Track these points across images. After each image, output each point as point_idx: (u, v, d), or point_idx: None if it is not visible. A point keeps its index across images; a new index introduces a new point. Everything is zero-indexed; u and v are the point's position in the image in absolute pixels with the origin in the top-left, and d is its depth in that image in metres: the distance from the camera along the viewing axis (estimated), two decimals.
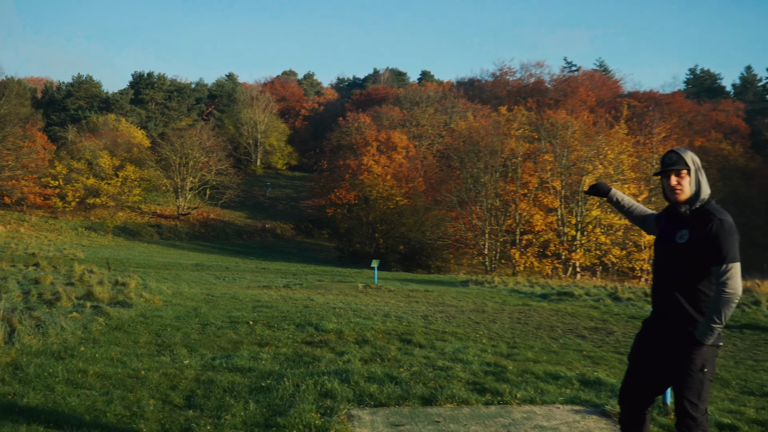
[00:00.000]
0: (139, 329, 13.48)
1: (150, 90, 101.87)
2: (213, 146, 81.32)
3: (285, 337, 13.22)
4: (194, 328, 14.00)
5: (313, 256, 67.79)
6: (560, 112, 63.14)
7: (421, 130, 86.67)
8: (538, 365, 10.96)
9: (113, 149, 78.64)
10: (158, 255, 52.57)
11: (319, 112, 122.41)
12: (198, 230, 75.54)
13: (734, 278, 4.78)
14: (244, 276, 34.28)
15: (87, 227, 67.84)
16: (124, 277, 22.87)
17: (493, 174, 56.25)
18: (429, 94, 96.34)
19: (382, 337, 13.58)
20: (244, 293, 23.03)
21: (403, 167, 71.45)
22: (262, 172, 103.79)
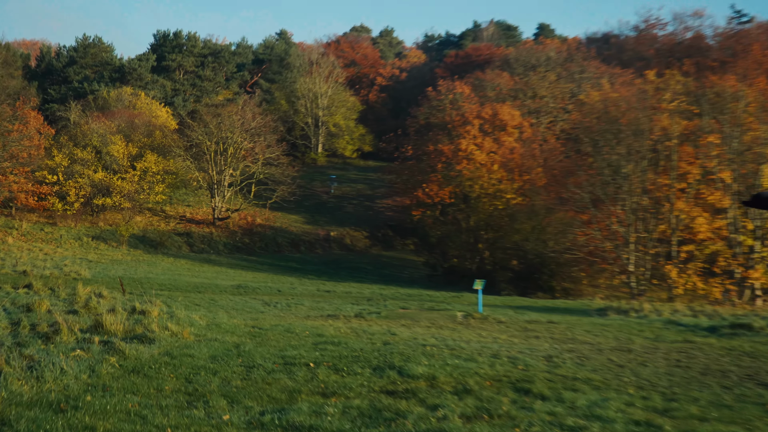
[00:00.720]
0: (163, 373, 13.59)
1: (177, 55, 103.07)
2: (259, 128, 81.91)
3: (358, 384, 13.23)
4: (236, 372, 14.09)
5: (394, 275, 67.98)
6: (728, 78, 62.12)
7: (539, 103, 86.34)
8: (706, 425, 10.77)
9: (129, 133, 79.61)
10: (188, 273, 53.17)
11: (400, 80, 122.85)
12: (240, 240, 76.29)
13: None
14: (302, 302, 34.48)
15: (94, 236, 68.86)
16: (143, 304, 23.07)
17: (639, 162, 55.65)
18: (549, 55, 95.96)
19: (490, 386, 13.52)
20: (302, 325, 23.14)
21: (515, 154, 71.06)
22: (324, 161, 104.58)
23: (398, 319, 27.10)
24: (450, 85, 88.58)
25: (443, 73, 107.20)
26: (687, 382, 15.37)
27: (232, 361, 15.23)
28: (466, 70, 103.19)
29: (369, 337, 20.33)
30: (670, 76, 69.55)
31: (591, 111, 65.52)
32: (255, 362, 15.18)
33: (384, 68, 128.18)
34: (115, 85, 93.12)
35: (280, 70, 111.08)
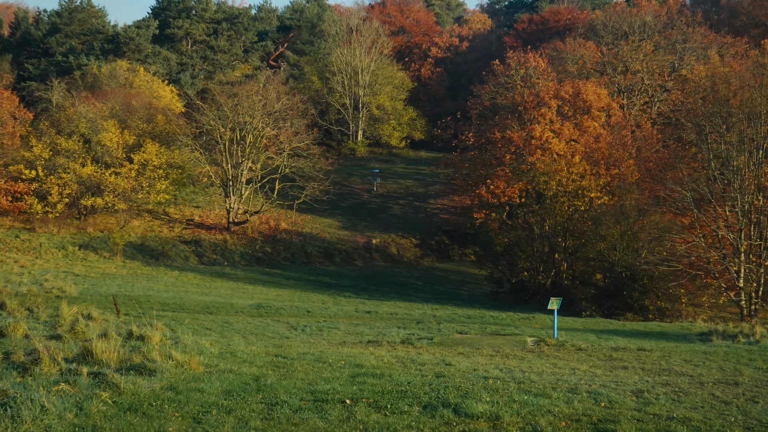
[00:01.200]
0: (166, 411, 13.75)
1: (185, 21, 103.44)
2: (286, 111, 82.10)
3: (404, 425, 13.38)
4: (255, 411, 14.24)
5: (450, 292, 68.04)
6: None
7: (631, 79, 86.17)
8: None
9: (125, 118, 79.83)
10: (197, 290, 53.45)
11: (460, 51, 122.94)
12: (261, 249, 76.54)
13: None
14: (337, 325, 34.63)
15: (82, 245, 69.13)
16: (141, 327, 23.25)
17: (754, 153, 55.44)
18: (645, 20, 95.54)
19: (566, 426, 13.67)
20: (336, 353, 23.29)
21: (601, 142, 70.96)
22: (366, 152, 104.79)
23: (455, 347, 27.21)
24: (521, 57, 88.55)
25: (513, 42, 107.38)
26: None
27: (250, 398, 15.35)
28: (542, 39, 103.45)
29: (418, 368, 20.45)
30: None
31: (695, 89, 65.53)
32: (278, 398, 15.30)
33: (440, 36, 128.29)
34: (108, 58, 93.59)
35: (312, 39, 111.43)
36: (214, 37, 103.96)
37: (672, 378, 21.20)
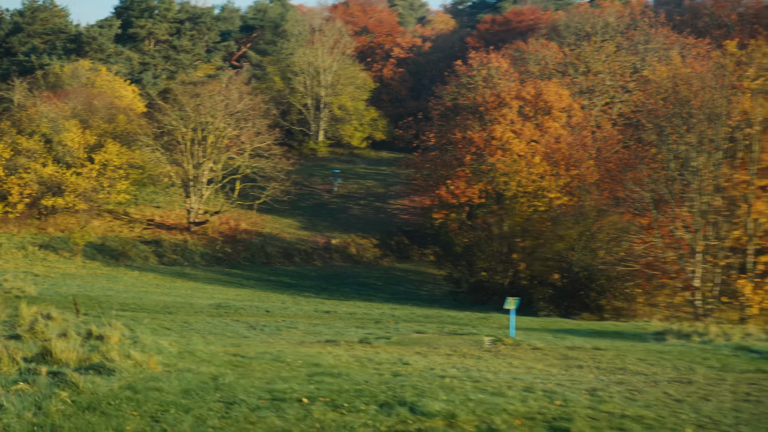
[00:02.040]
0: (124, 410, 13.83)
1: (147, 20, 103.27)
2: (247, 111, 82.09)
3: (361, 423, 13.52)
4: (213, 410, 14.35)
5: (409, 292, 68.23)
6: None
7: (592, 80, 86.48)
8: None
9: (87, 117, 79.55)
10: (156, 290, 53.43)
11: (423, 52, 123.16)
12: (221, 249, 76.54)
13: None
14: (296, 324, 34.76)
15: (42, 245, 68.93)
16: (101, 327, 23.27)
17: (713, 154, 55.78)
18: (607, 21, 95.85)
19: (521, 425, 13.84)
20: (294, 353, 23.39)
21: (561, 143, 71.18)
22: (327, 152, 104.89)
23: (412, 346, 27.37)
24: (484, 58, 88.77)
25: (476, 43, 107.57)
26: (757, 419, 15.63)
27: (208, 396, 15.45)
28: (505, 40, 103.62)
29: (376, 368, 20.60)
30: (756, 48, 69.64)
31: (657, 90, 65.68)
32: (236, 397, 15.40)
33: (403, 37, 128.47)
34: (71, 58, 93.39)
35: (274, 39, 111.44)
36: (177, 36, 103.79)
37: (627, 377, 21.42)
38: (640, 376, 21.83)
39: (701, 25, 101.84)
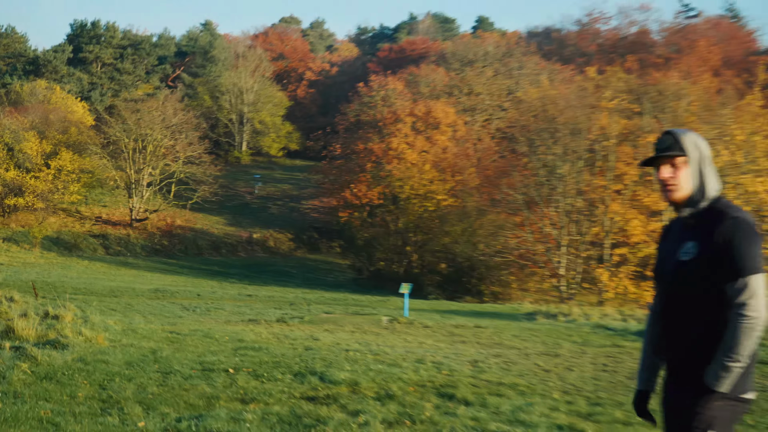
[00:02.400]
0: (77, 379, 13.63)
1: (95, 46, 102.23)
2: (181, 124, 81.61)
3: (278, 390, 13.39)
4: (152, 378, 14.16)
5: (319, 279, 68.04)
6: (671, 75, 62.97)
7: (474, 100, 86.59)
8: (630, 429, 11.06)
9: (43, 129, 78.86)
10: (104, 277, 52.93)
11: (330, 75, 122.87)
12: (158, 242, 75.98)
13: (756, 296, 4.53)
14: (223, 306, 34.56)
15: (5, 238, 68.21)
16: (56, 308, 23.00)
17: (575, 163, 56.14)
18: (487, 50, 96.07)
19: (414, 391, 13.74)
20: (221, 330, 23.24)
21: (448, 153, 71.30)
22: (249, 160, 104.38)
23: (321, 324, 27.27)
24: (382, 80, 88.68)
25: (376, 68, 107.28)
26: (613, 386, 15.72)
27: (148, 367, 15.27)
28: (400, 65, 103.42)
29: (291, 343, 20.49)
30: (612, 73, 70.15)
31: (528, 109, 65.95)
32: (172, 368, 15.23)
33: (314, 62, 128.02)
34: (29, 78, 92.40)
35: (204, 63, 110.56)
36: (120, 60, 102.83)
37: (503, 350, 21.48)
38: (514, 350, 21.91)
39: (566, 54, 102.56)
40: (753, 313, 4.50)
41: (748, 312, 4.51)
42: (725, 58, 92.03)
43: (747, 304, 4.52)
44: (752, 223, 4.70)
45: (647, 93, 59.29)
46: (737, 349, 4.51)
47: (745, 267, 4.56)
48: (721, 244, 4.65)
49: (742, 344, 4.51)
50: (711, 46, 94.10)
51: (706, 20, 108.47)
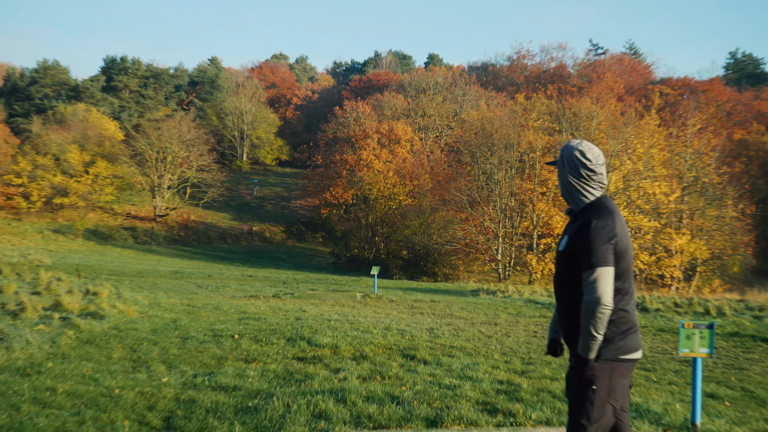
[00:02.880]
0: (112, 343, 13.56)
1: (123, 76, 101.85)
2: (194, 139, 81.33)
3: (274, 352, 13.35)
4: (173, 342, 14.11)
5: (305, 263, 67.83)
6: (584, 101, 63.15)
7: (427, 120, 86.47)
8: (556, 383, 11.03)
9: (83, 143, 78.59)
10: (133, 261, 52.62)
11: (312, 100, 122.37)
12: (177, 233, 75.58)
13: (596, 285, 4.67)
14: (229, 284, 34.37)
15: (54, 230, 67.81)
16: (95, 286, 22.88)
17: (508, 170, 56.14)
18: (437, 80, 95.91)
19: (383, 353, 13.71)
20: (228, 304, 23.13)
21: (406, 163, 71.29)
22: (248, 168, 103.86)
23: (308, 299, 27.16)
24: (354, 105, 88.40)
25: (348, 94, 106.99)
26: (541, 349, 15.67)
27: (169, 334, 15.21)
28: (368, 93, 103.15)
29: (284, 314, 20.37)
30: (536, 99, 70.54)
31: (470, 128, 66.03)
32: (189, 334, 15.18)
33: (299, 90, 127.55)
34: (71, 102, 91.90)
35: (212, 90, 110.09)
36: (144, 88, 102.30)
37: (453, 320, 21.40)
38: (462, 319, 21.83)
39: (500, 83, 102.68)
40: (592, 298, 4.67)
41: (588, 297, 4.69)
42: (627, 87, 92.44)
43: (591, 291, 4.68)
44: (604, 225, 4.81)
45: (565, 115, 59.40)
46: (587, 326, 4.70)
47: (588, 261, 4.73)
48: (580, 241, 4.83)
49: (589, 322, 4.68)
50: (616, 77, 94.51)
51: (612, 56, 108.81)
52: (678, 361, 14.59)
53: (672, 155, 57.52)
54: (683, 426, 8.38)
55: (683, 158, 57.47)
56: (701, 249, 53.64)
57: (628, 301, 4.93)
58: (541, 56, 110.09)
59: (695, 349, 8.31)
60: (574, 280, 4.91)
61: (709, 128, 64.44)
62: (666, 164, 56.52)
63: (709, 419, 8.93)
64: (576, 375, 4.85)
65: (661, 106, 68.55)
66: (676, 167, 57.01)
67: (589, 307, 4.67)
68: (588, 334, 4.70)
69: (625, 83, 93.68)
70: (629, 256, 4.92)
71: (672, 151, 57.77)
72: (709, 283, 55.13)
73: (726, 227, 56.17)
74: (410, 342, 15.40)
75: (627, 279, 4.92)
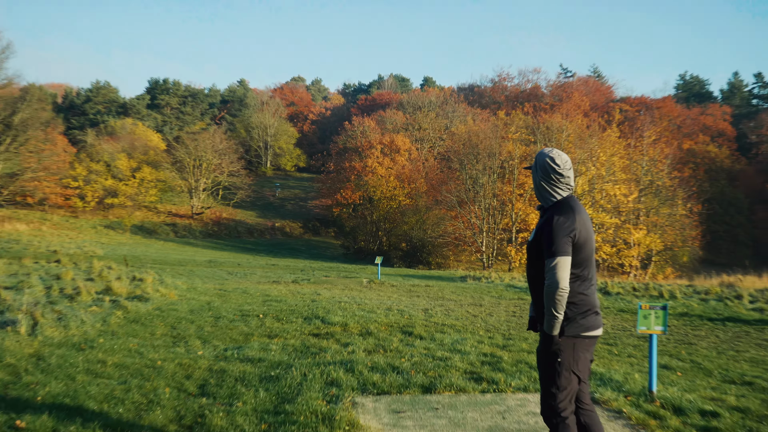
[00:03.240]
0: (155, 322, 13.54)
1: (165, 95, 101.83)
2: (225, 149, 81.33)
3: (293, 329, 13.30)
4: (207, 321, 14.08)
5: (320, 253, 67.79)
6: (555, 117, 63.12)
7: (422, 133, 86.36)
8: (532, 356, 10.99)
9: (130, 152, 78.63)
10: (173, 252, 52.60)
11: (326, 116, 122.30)
12: (211, 229, 75.57)
13: (555, 272, 4.74)
14: (255, 272, 34.33)
15: (106, 226, 67.77)
16: (141, 273, 22.89)
17: (491, 175, 56.16)
18: (431, 99, 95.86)
19: (385, 330, 13.66)
20: (254, 288, 23.09)
21: (405, 169, 71.29)
22: (271, 173, 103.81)
23: (322, 284, 27.11)
24: (360, 120, 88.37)
25: (356, 111, 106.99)
26: (520, 327, 15.62)
27: (204, 314, 15.18)
28: (373, 110, 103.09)
29: (301, 297, 20.32)
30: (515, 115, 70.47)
31: (459, 139, 66.01)
32: (221, 314, 15.14)
33: (314, 107, 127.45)
34: (120, 117, 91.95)
35: (240, 108, 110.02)
36: (183, 105, 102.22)
37: (445, 302, 21.35)
38: (452, 301, 21.78)
39: (484, 102, 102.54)
40: (550, 283, 4.74)
41: (550, 281, 4.75)
42: (592, 104, 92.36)
43: (551, 276, 4.75)
44: (564, 221, 4.86)
45: (539, 128, 59.37)
46: (548, 307, 4.77)
47: (549, 250, 4.81)
48: (543, 234, 4.90)
49: (549, 304, 4.76)
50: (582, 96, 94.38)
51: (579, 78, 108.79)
52: (636, 337, 14.58)
53: (630, 162, 57.50)
54: (641, 393, 8.34)
55: (640, 165, 57.44)
56: (656, 242, 53.76)
57: (588, 287, 4.97)
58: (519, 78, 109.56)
59: (651, 327, 8.28)
60: (539, 267, 4.99)
61: (662, 139, 64.70)
62: (625, 170, 56.53)
63: (664, 387, 8.89)
64: (544, 349, 4.90)
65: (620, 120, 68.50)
66: (634, 172, 56.97)
67: (549, 290, 4.74)
68: (549, 313, 4.77)
69: (590, 101, 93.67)
70: (589, 247, 4.97)
71: (630, 159, 57.75)
72: (663, 270, 55.19)
73: (677, 223, 56.28)
74: (408, 320, 15.35)
75: (587, 267, 4.97)
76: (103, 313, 13.73)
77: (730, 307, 21.18)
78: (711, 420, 7.37)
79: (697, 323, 18.14)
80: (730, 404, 8.13)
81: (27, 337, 10.37)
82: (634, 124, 66.05)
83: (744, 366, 11.42)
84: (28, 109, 63.33)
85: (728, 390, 9.16)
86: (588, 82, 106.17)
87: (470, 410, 7.49)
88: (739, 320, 18.46)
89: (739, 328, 17.13)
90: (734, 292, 25.09)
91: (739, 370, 10.92)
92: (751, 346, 14.22)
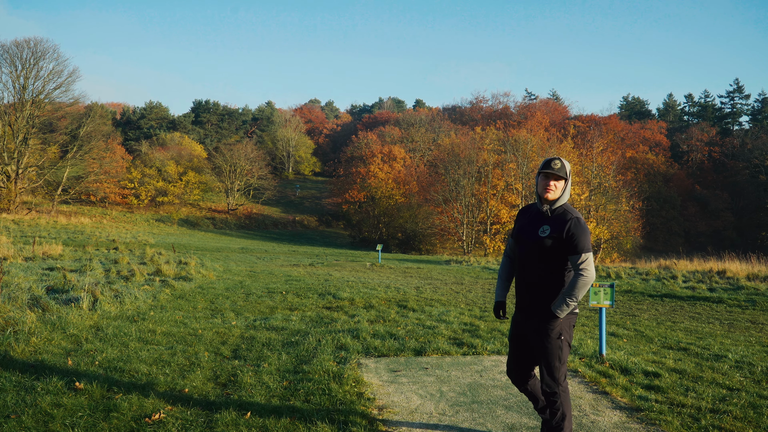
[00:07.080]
0: (197, 298, 13.44)
1: (207, 114, 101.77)
2: (255, 157, 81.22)
3: (310, 303, 13.22)
4: (240, 297, 13.98)
5: (331, 242, 67.73)
6: (522, 131, 63.09)
7: (415, 145, 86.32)
8: (504, 324, 10.93)
9: (178, 159, 78.58)
10: (212, 241, 52.50)
11: (337, 131, 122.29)
12: (243, 222, 75.46)
13: (592, 265, 4.57)
14: (279, 257, 34.23)
15: (157, 219, 67.60)
16: (185, 258, 22.79)
17: (470, 179, 56.15)
18: (421, 117, 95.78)
19: (384, 304, 13.56)
20: (278, 270, 22.98)
21: (401, 174, 71.40)
22: (293, 177, 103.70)
23: (333, 267, 27.00)
24: (365, 134, 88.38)
25: (361, 127, 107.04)
26: (488, 301, 15.54)
27: (238, 291, 15.09)
28: (374, 126, 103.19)
29: (317, 277, 20.24)
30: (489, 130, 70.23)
31: (444, 150, 66.00)
32: (251, 291, 15.04)
33: (327, 124, 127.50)
34: (169, 131, 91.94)
35: (268, 124, 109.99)
36: (221, 122, 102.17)
37: (432, 281, 21.26)
38: (438, 281, 21.69)
39: (464, 119, 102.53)
40: (588, 275, 4.57)
41: (585, 274, 4.57)
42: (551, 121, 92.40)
43: (584, 269, 4.57)
44: (583, 220, 4.65)
45: (509, 140, 59.21)
46: (577, 293, 4.59)
47: (582, 247, 4.59)
48: (569, 232, 4.62)
49: (580, 291, 4.58)
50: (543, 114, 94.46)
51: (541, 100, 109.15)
52: (588, 309, 14.47)
53: (582, 167, 57.33)
54: (593, 356, 8.26)
55: (590, 170, 57.26)
56: (604, 232, 53.65)
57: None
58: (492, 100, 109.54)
59: (601, 302, 8.19)
60: (549, 261, 4.70)
61: (608, 149, 64.84)
62: (578, 174, 56.40)
63: (612, 351, 8.81)
64: (549, 330, 4.69)
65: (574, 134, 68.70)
66: (585, 176, 56.80)
67: (586, 281, 4.56)
68: (573, 299, 4.60)
69: (550, 119, 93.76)
70: None
71: (582, 165, 57.58)
72: (610, 255, 55.10)
73: (621, 217, 56.19)
74: (403, 296, 15.24)
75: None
76: (154, 291, 13.64)
77: (666, 286, 21.07)
78: (653, 379, 7.28)
79: (639, 299, 18.04)
80: (669, 366, 8.04)
81: (88, 312, 10.28)
82: (586, 137, 65.88)
83: (680, 334, 11.33)
84: (91, 123, 63.09)
85: (667, 354, 9.07)
86: (548, 103, 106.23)
87: (454, 369, 7.44)
88: (675, 296, 18.34)
89: (675, 303, 17.03)
90: (670, 273, 24.97)
91: (675, 338, 10.84)
92: (685, 318, 14.15)
